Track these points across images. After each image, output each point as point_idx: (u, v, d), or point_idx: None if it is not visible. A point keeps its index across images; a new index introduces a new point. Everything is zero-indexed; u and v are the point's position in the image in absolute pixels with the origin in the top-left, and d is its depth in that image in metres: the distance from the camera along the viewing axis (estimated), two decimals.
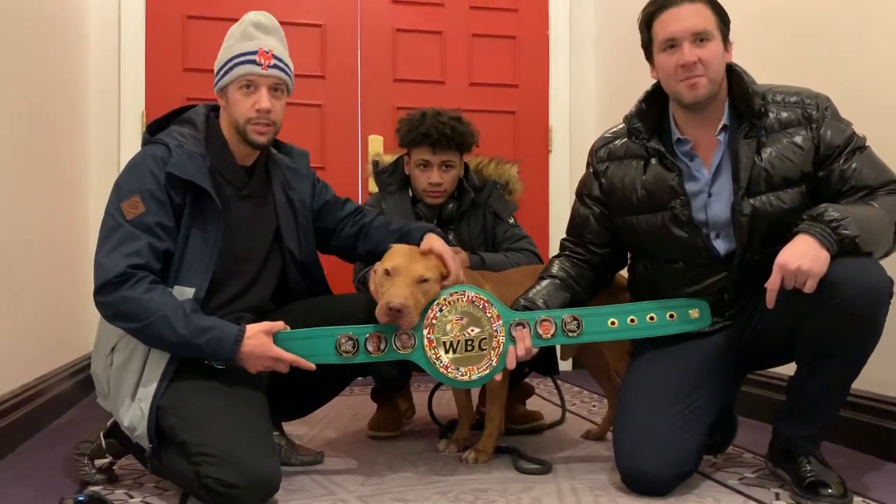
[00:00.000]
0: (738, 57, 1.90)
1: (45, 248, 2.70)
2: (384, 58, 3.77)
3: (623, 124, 1.99)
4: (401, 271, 1.83)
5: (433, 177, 2.42)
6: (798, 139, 1.79)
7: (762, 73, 1.93)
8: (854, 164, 1.76)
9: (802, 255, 1.58)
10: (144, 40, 3.50)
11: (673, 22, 1.80)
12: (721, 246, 1.87)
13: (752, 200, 1.81)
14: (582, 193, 2.07)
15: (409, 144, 2.45)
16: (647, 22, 1.86)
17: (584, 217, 2.05)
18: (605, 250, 2.05)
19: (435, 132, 2.38)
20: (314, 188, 2.14)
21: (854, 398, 2.03)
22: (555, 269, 2.05)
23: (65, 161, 3.01)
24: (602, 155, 2.01)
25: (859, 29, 2.25)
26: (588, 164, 2.06)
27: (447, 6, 3.85)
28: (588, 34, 4.00)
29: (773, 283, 1.61)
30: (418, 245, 1.95)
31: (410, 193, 2.53)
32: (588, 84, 4.00)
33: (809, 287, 1.57)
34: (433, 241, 1.96)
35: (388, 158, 2.65)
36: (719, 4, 1.83)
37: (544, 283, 2.02)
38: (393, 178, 2.56)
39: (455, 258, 1.95)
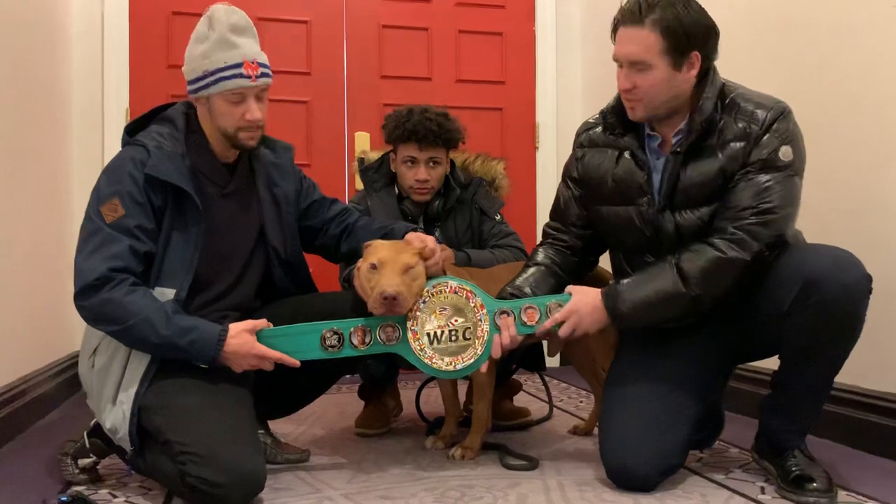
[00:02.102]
0: (725, 52, 1.87)
1: (29, 247, 2.67)
2: (371, 54, 3.76)
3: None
4: (386, 262, 1.83)
5: (420, 173, 2.41)
6: (729, 153, 1.75)
7: (749, 68, 1.94)
8: (742, 184, 1.73)
9: (589, 313, 1.81)
10: (128, 37, 3.46)
11: (617, 44, 1.79)
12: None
13: (675, 215, 1.82)
14: (566, 175, 2.07)
15: (396, 141, 2.44)
16: (613, 30, 1.83)
17: (567, 199, 2.05)
18: (588, 232, 2.04)
19: (422, 129, 2.37)
20: (301, 185, 2.12)
21: (839, 392, 2.05)
22: (540, 257, 2.05)
23: (48, 159, 2.98)
24: (583, 140, 2.02)
25: (846, 25, 2.25)
26: (574, 146, 2.07)
27: (434, 3, 3.84)
28: (574, 30, 4.00)
29: (564, 333, 1.82)
30: None
31: (397, 190, 2.52)
32: (575, 80, 4.00)
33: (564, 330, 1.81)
34: (418, 236, 1.96)
35: (374, 155, 2.64)
36: (676, 24, 1.72)
37: (530, 270, 2.02)
38: (379, 174, 2.54)
39: (440, 251, 1.96)
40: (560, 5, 3.98)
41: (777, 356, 1.80)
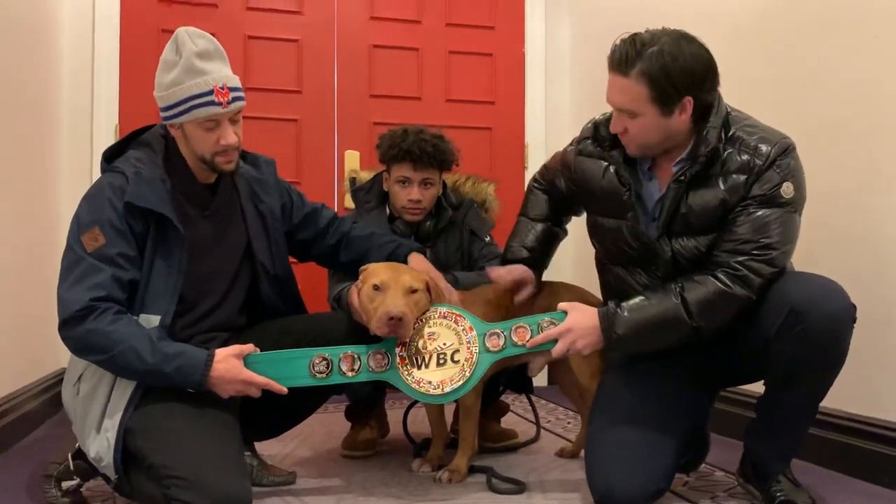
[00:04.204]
0: None
1: (15, 263, 2.65)
2: (361, 74, 3.77)
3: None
4: (390, 284, 1.85)
5: (413, 194, 2.42)
6: (731, 185, 1.75)
7: (732, 93, 1.95)
8: (743, 217, 1.73)
9: (584, 334, 1.79)
10: (119, 54, 3.47)
11: (607, 89, 1.78)
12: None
13: (672, 241, 1.82)
14: (563, 165, 2.10)
15: (391, 160, 2.45)
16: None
17: (556, 179, 2.15)
18: (560, 204, 2.20)
19: (417, 149, 2.38)
20: (290, 199, 2.13)
21: (824, 416, 2.06)
22: (543, 210, 2.21)
23: (37, 174, 2.98)
24: (581, 148, 2.02)
25: (831, 52, 2.29)
26: (574, 145, 2.06)
27: (424, 23, 3.87)
28: (563, 52, 4.04)
29: (558, 351, 1.80)
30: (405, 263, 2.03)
31: (388, 211, 2.52)
32: (563, 101, 4.03)
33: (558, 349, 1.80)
34: (420, 262, 2.03)
35: (366, 175, 2.64)
36: (660, 75, 1.69)
37: (540, 227, 2.19)
38: (370, 195, 2.55)
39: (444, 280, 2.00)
40: (549, 27, 4.02)
41: (762, 380, 1.82)
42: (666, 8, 3.07)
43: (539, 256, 2.17)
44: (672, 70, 1.69)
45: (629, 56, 1.71)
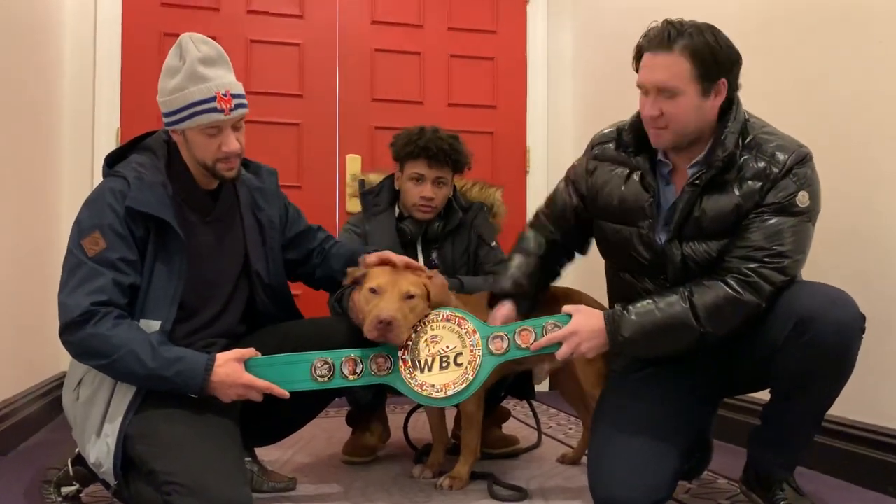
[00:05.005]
0: None
1: (15, 268, 2.65)
2: (363, 77, 3.77)
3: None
4: (387, 288, 1.84)
5: (426, 191, 2.42)
6: (746, 191, 1.74)
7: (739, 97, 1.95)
8: (756, 224, 1.72)
9: (589, 337, 1.76)
10: (120, 57, 3.47)
11: (644, 69, 1.76)
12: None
13: (683, 245, 1.80)
14: (570, 180, 2.04)
15: (406, 157, 2.45)
16: (636, 57, 1.82)
17: (565, 203, 2.04)
18: (569, 237, 2.07)
19: (433, 147, 2.39)
20: (286, 212, 2.12)
21: (827, 424, 2.04)
22: (532, 245, 2.06)
23: (37, 180, 2.97)
24: (597, 153, 1.98)
25: (832, 59, 2.28)
26: (585, 153, 2.03)
27: (426, 27, 3.87)
28: (565, 56, 4.04)
29: (562, 354, 1.77)
30: None
31: (397, 211, 2.52)
32: (565, 105, 4.03)
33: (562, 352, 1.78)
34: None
35: (375, 178, 2.63)
36: (706, 50, 1.71)
37: (519, 260, 2.04)
38: (380, 198, 2.54)
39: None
40: (552, 31, 4.02)
41: (766, 390, 1.80)
42: (668, 13, 3.05)
43: (527, 290, 2.03)
44: (713, 46, 1.72)
45: (671, 34, 1.72)
